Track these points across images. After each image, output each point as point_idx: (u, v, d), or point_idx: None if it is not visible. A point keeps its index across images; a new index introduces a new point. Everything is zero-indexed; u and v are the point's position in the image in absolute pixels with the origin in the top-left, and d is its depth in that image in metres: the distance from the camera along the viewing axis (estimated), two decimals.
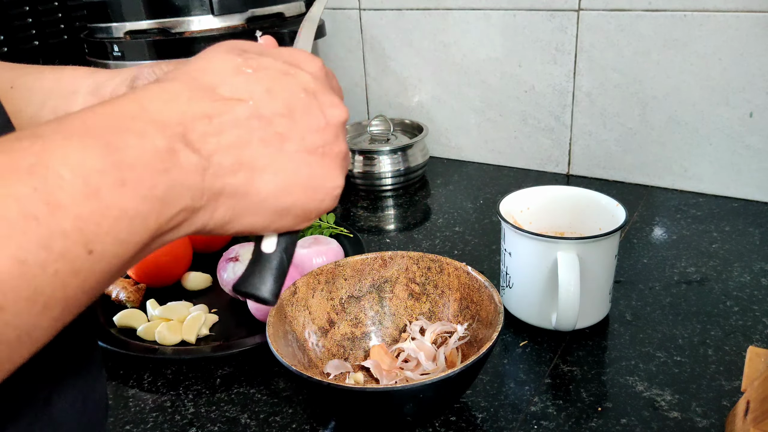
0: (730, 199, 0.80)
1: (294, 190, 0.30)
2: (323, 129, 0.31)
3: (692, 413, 0.47)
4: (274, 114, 0.29)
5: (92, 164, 0.23)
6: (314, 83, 0.31)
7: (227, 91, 0.28)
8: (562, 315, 0.52)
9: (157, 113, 0.26)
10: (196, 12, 0.76)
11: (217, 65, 0.30)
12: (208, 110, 0.27)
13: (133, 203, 0.24)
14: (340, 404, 0.45)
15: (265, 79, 0.30)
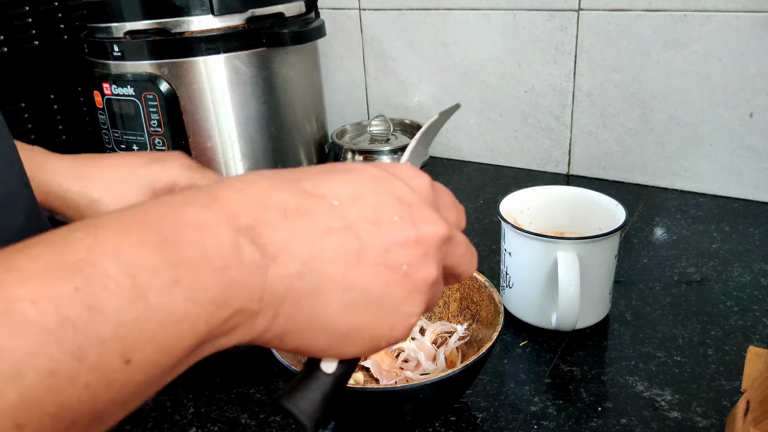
0: (730, 199, 0.80)
1: (364, 310, 0.26)
2: (411, 244, 0.27)
3: (692, 413, 0.47)
4: (358, 218, 0.26)
5: (144, 262, 0.20)
6: (412, 195, 0.28)
7: (311, 186, 0.26)
8: (562, 315, 0.52)
9: (229, 202, 0.24)
10: (196, 12, 0.76)
11: (301, 169, 0.27)
12: (286, 202, 0.24)
13: (183, 306, 0.21)
14: (340, 404, 0.45)
15: (356, 180, 0.27)
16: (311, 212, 0.25)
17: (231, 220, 0.23)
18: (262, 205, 0.24)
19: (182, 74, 0.78)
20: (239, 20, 0.79)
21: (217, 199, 0.24)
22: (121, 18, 0.78)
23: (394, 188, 0.28)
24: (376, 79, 1.05)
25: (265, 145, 0.85)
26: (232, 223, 0.23)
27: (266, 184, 0.25)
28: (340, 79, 1.09)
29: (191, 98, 0.79)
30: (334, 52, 1.07)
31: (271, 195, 0.24)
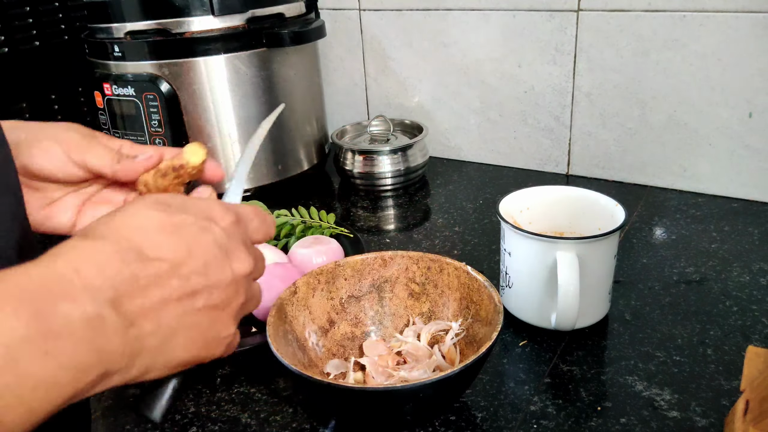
0: (730, 199, 0.80)
1: (195, 345, 0.32)
2: (228, 284, 0.32)
3: (691, 413, 0.47)
4: (191, 272, 0.31)
5: (18, 332, 0.23)
6: (227, 239, 0.33)
7: (152, 251, 0.30)
8: (561, 315, 0.53)
9: (91, 278, 0.26)
10: (197, 12, 0.76)
11: (143, 222, 0.31)
12: (136, 272, 0.28)
13: (52, 373, 0.23)
14: (340, 404, 0.45)
15: (186, 235, 0.31)
16: (157, 276, 0.29)
17: (95, 295, 0.26)
18: (117, 279, 0.27)
19: (182, 74, 0.78)
20: (239, 21, 0.79)
21: (80, 274, 0.26)
22: (121, 18, 0.78)
23: (215, 236, 0.32)
24: (376, 79, 1.05)
25: (265, 145, 0.85)
26: (95, 298, 0.26)
27: (118, 259, 0.28)
28: (340, 79, 1.09)
29: (191, 98, 0.79)
30: (334, 52, 1.07)
31: (124, 267, 0.28)
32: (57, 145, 0.41)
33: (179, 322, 0.30)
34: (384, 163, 0.90)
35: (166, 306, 0.29)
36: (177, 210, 0.32)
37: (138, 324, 0.28)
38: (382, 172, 0.90)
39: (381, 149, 0.90)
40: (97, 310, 0.26)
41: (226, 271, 0.32)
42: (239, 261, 0.33)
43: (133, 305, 0.28)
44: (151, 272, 0.29)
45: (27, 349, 0.23)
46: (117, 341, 0.27)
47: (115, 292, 0.27)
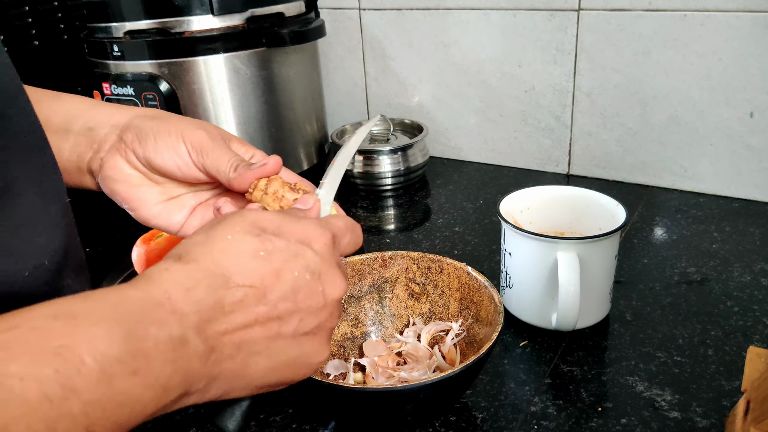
0: (731, 199, 0.80)
1: (282, 370, 0.32)
2: (321, 309, 0.32)
3: (692, 413, 0.47)
4: (279, 298, 0.31)
5: (111, 351, 0.24)
6: (320, 263, 0.33)
7: (240, 278, 0.30)
8: (562, 315, 0.52)
9: (179, 303, 0.28)
10: (196, 12, 0.76)
11: (235, 248, 0.31)
12: (222, 298, 0.29)
13: (138, 391, 0.25)
14: (340, 404, 0.45)
15: (276, 261, 0.31)
16: (242, 303, 0.30)
17: (181, 320, 0.28)
18: (204, 305, 0.29)
19: (182, 74, 0.78)
20: (239, 20, 0.79)
21: (170, 298, 0.28)
22: (121, 18, 0.78)
23: (307, 261, 0.32)
24: (376, 79, 1.05)
25: (265, 145, 0.85)
26: (182, 322, 0.27)
27: (206, 284, 0.29)
28: (340, 79, 1.09)
29: (191, 98, 0.79)
30: (334, 52, 1.07)
31: (210, 294, 0.29)
32: (183, 144, 0.41)
33: (264, 347, 0.31)
34: (384, 163, 0.90)
35: (249, 332, 0.30)
36: (271, 234, 0.32)
37: (219, 349, 0.29)
38: (382, 172, 0.90)
39: (381, 149, 0.90)
40: (183, 334, 0.27)
41: (318, 296, 0.32)
42: (332, 285, 0.33)
43: (216, 330, 0.29)
44: (237, 298, 0.30)
45: (119, 368, 0.24)
46: (198, 364, 0.28)
47: (200, 317, 0.28)
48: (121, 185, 0.42)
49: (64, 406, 0.22)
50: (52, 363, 0.23)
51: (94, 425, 0.24)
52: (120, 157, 0.42)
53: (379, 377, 0.51)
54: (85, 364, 0.23)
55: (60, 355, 0.23)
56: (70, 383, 0.23)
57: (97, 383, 0.24)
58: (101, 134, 0.42)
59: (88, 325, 0.25)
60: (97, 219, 0.87)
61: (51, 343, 0.23)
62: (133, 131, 0.42)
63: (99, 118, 0.43)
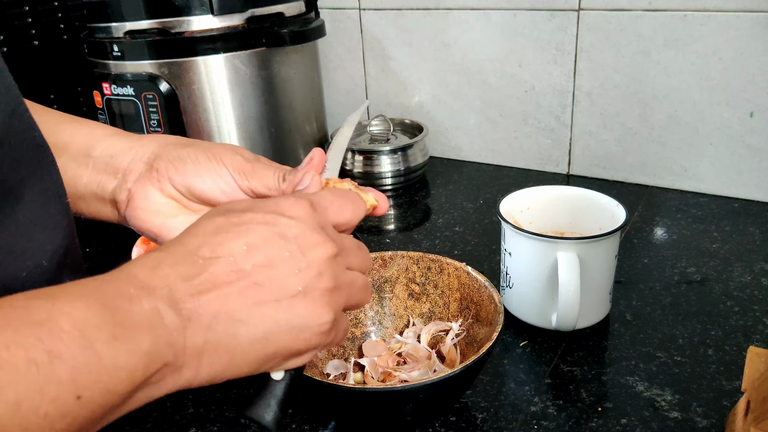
0: (731, 199, 0.80)
1: (275, 337, 0.31)
2: (304, 270, 0.32)
3: (692, 413, 0.47)
4: (253, 266, 0.31)
5: (91, 321, 0.26)
6: (294, 226, 0.32)
7: (208, 251, 0.30)
8: (562, 315, 0.52)
9: (145, 279, 0.29)
10: (196, 12, 0.76)
11: (201, 228, 0.32)
12: (189, 272, 0.30)
13: (122, 356, 0.26)
14: (340, 404, 0.45)
15: (244, 233, 0.31)
16: (212, 274, 0.30)
17: (150, 293, 0.28)
18: (171, 279, 0.29)
19: (182, 74, 0.78)
20: (239, 20, 0.79)
21: (136, 276, 0.29)
22: (120, 18, 0.78)
23: (279, 228, 0.32)
24: (376, 79, 1.04)
25: (265, 145, 0.85)
26: (151, 295, 0.28)
27: (170, 261, 0.30)
28: (340, 79, 1.08)
29: (191, 98, 0.79)
30: (334, 52, 1.07)
31: (177, 269, 0.30)
32: (226, 169, 0.41)
33: (246, 315, 0.30)
34: (384, 163, 0.90)
35: (224, 301, 0.30)
36: (239, 212, 0.33)
37: (195, 320, 0.29)
38: (382, 172, 0.90)
39: (381, 149, 0.90)
40: (154, 306, 0.28)
41: (297, 258, 0.32)
42: (314, 246, 0.32)
43: (188, 302, 0.29)
44: (206, 270, 0.30)
45: (99, 334, 0.25)
46: (177, 336, 0.28)
47: (169, 290, 0.29)
48: (156, 217, 0.41)
49: (50, 371, 0.23)
50: (35, 332, 0.24)
51: (83, 390, 0.24)
52: (152, 186, 0.41)
53: (378, 376, 0.51)
54: (66, 332, 0.24)
55: (42, 326, 0.24)
56: (55, 349, 0.24)
57: (81, 349, 0.25)
58: (125, 163, 0.42)
59: (66, 301, 0.26)
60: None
61: (32, 317, 0.24)
62: (167, 159, 0.41)
63: (121, 146, 0.43)
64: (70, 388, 0.24)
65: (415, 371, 0.51)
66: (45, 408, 0.23)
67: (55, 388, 0.24)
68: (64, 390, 0.24)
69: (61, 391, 0.24)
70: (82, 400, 0.25)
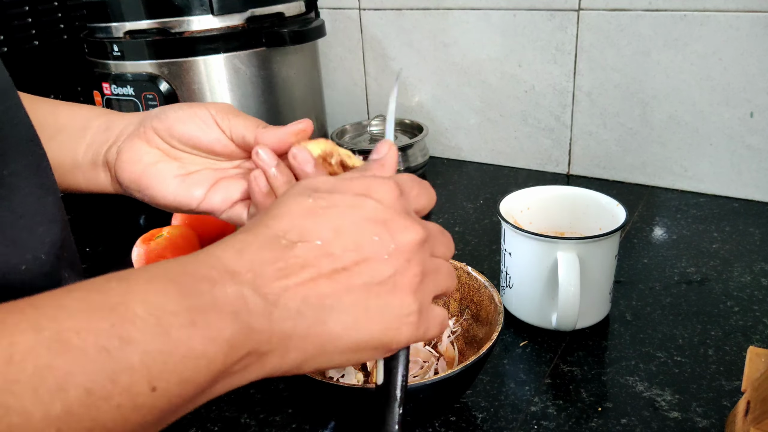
0: (731, 199, 0.80)
1: (365, 325, 0.30)
2: (393, 256, 0.30)
3: (692, 413, 0.47)
4: (343, 250, 0.29)
5: (167, 306, 0.25)
6: (383, 211, 0.31)
7: (295, 235, 0.29)
8: (562, 315, 0.52)
9: (230, 262, 0.28)
10: (196, 12, 0.76)
11: (287, 209, 0.31)
12: (276, 256, 0.28)
13: (201, 344, 0.25)
14: (340, 404, 0.45)
15: (333, 216, 0.30)
16: (300, 258, 0.29)
17: (234, 277, 0.27)
18: (257, 263, 0.28)
19: (182, 74, 0.78)
20: (239, 20, 0.79)
21: (220, 259, 0.28)
22: (120, 18, 0.78)
23: (367, 211, 0.31)
24: (376, 79, 1.04)
25: None
26: (235, 279, 0.27)
27: (257, 244, 0.29)
28: (340, 79, 1.09)
29: (191, 98, 0.79)
30: (334, 52, 1.07)
31: (263, 253, 0.28)
32: (205, 110, 0.41)
33: (336, 300, 0.29)
34: None
35: (313, 285, 0.28)
36: (325, 192, 0.31)
37: (282, 305, 0.28)
38: None
39: None
40: (238, 291, 0.27)
41: (386, 243, 0.30)
42: (404, 230, 0.31)
43: (275, 287, 0.28)
44: (294, 254, 0.29)
45: (175, 320, 0.24)
46: (262, 322, 0.27)
47: (255, 275, 0.27)
48: (137, 165, 0.42)
49: (122, 358, 0.22)
50: (108, 318, 0.23)
51: (157, 379, 0.23)
52: (138, 139, 0.42)
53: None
54: (139, 317, 0.23)
55: (115, 311, 0.23)
56: (127, 335, 0.23)
57: (155, 335, 0.24)
58: (118, 129, 0.43)
59: (141, 283, 0.25)
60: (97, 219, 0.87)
61: (107, 301, 0.24)
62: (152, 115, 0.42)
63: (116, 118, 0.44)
64: (143, 375, 0.23)
65: (414, 372, 0.51)
66: (117, 398, 0.22)
67: (127, 376, 0.23)
68: (138, 378, 0.23)
69: (134, 380, 0.23)
70: (158, 391, 0.23)
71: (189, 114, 0.41)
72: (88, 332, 0.22)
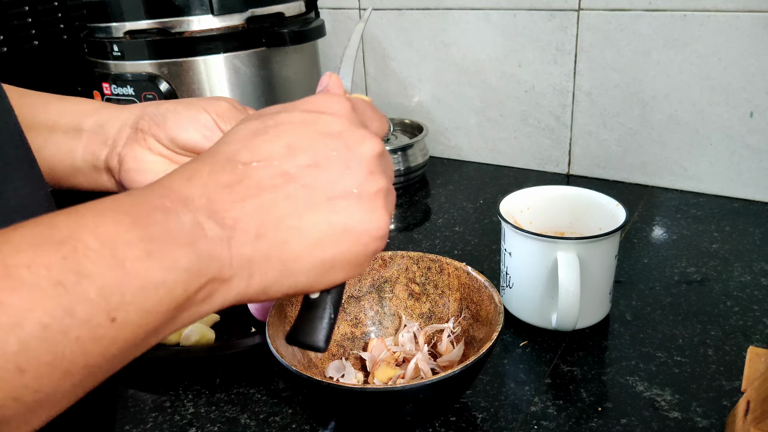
0: (731, 199, 0.80)
1: (330, 242, 0.29)
2: (354, 168, 0.29)
3: (692, 413, 0.47)
4: (299, 167, 0.28)
5: (120, 237, 0.24)
6: (338, 123, 0.30)
7: (246, 156, 0.28)
8: (562, 315, 0.52)
9: (181, 190, 0.27)
10: (196, 12, 0.76)
11: (235, 134, 0.30)
12: (229, 179, 0.27)
13: (159, 274, 0.24)
14: (340, 404, 0.45)
15: (284, 134, 0.29)
16: (254, 180, 0.28)
17: (187, 204, 0.26)
18: (210, 187, 0.27)
19: (182, 74, 0.78)
20: (239, 20, 0.79)
21: (171, 188, 0.27)
22: (120, 18, 0.78)
23: (321, 125, 0.30)
24: (376, 79, 1.04)
25: None
26: (189, 207, 0.26)
27: (207, 169, 0.28)
28: None
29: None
30: (334, 52, 1.07)
31: (215, 177, 0.27)
32: (206, 114, 0.40)
33: (295, 220, 0.28)
34: None
35: (270, 206, 0.27)
36: (274, 113, 0.31)
37: (240, 229, 0.27)
38: None
39: None
40: (194, 218, 0.26)
41: (343, 154, 0.29)
42: (363, 141, 0.30)
43: (231, 211, 0.27)
44: (247, 175, 0.28)
45: (130, 251, 0.23)
46: (221, 248, 0.26)
47: (208, 200, 0.27)
48: (146, 175, 0.41)
49: (79, 291, 0.22)
50: (59, 251, 0.22)
51: (116, 311, 0.23)
52: (139, 146, 0.41)
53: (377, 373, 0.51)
54: (92, 250, 0.23)
55: (65, 244, 0.22)
56: (81, 268, 0.22)
57: (110, 267, 0.23)
58: (114, 130, 0.42)
59: (91, 216, 0.24)
60: None
61: (55, 235, 0.23)
62: (148, 118, 0.42)
63: (108, 115, 0.43)
64: (101, 307, 0.22)
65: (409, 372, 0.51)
66: (76, 331, 0.22)
67: (85, 308, 0.22)
68: (96, 310, 0.22)
69: (92, 312, 0.22)
70: (118, 321, 0.23)
71: (190, 119, 0.41)
72: (39, 266, 0.21)
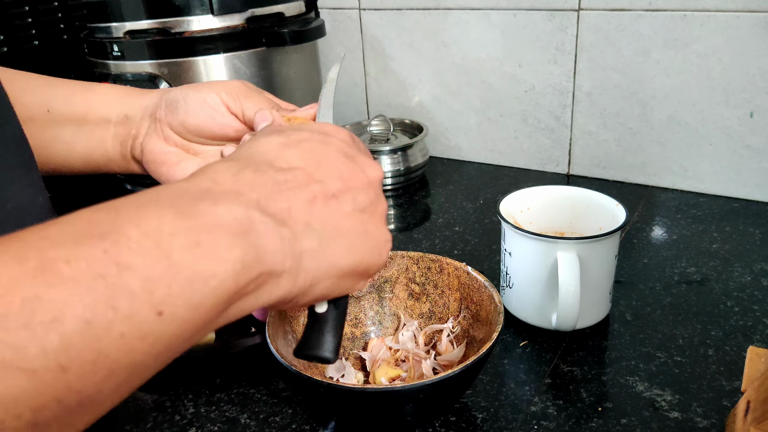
0: (731, 199, 0.80)
1: (358, 249, 0.31)
2: (367, 187, 0.32)
3: (692, 413, 0.47)
4: (328, 178, 0.30)
5: (165, 228, 0.23)
6: (348, 148, 0.33)
7: (284, 163, 0.30)
8: (562, 315, 0.52)
9: (228, 184, 0.27)
10: (196, 12, 0.76)
11: (265, 143, 0.31)
12: (275, 179, 0.28)
13: (209, 265, 0.23)
14: (340, 404, 0.45)
15: (310, 148, 0.31)
16: (296, 183, 0.29)
17: (237, 197, 0.26)
18: (258, 184, 0.28)
19: (182, 74, 0.78)
20: (239, 20, 0.79)
21: (217, 182, 0.27)
22: (120, 18, 0.78)
23: (336, 146, 0.32)
24: (376, 79, 1.04)
25: None
26: (239, 200, 0.26)
27: (251, 169, 0.28)
28: (340, 79, 1.08)
29: None
30: (334, 52, 1.07)
31: (260, 175, 0.28)
32: (216, 96, 0.41)
33: (334, 224, 0.30)
34: (384, 163, 0.90)
35: (313, 207, 0.29)
36: (293, 131, 0.33)
37: (290, 225, 0.28)
38: None
39: (381, 149, 0.90)
40: (244, 211, 0.26)
41: (360, 175, 0.32)
42: (369, 166, 0.33)
43: (280, 207, 0.28)
44: (289, 178, 0.29)
45: (177, 242, 0.23)
46: (274, 240, 0.26)
47: (258, 195, 0.27)
48: (163, 167, 0.43)
49: (120, 284, 0.21)
50: (100, 245, 0.21)
51: (162, 304, 0.22)
52: (157, 138, 0.43)
53: (377, 373, 0.51)
54: (135, 242, 0.22)
55: (106, 238, 0.21)
56: (123, 260, 0.21)
57: (155, 259, 0.22)
58: (136, 120, 0.44)
59: (131, 210, 0.23)
60: None
61: (95, 230, 0.22)
62: (164, 105, 0.43)
63: (132, 103, 0.44)
64: (146, 300, 0.21)
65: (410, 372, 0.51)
66: (120, 326, 0.21)
67: (128, 301, 0.21)
68: (141, 305, 0.21)
69: (136, 306, 0.21)
70: (164, 316, 0.22)
71: (199, 103, 0.42)
72: (79, 260, 0.20)
